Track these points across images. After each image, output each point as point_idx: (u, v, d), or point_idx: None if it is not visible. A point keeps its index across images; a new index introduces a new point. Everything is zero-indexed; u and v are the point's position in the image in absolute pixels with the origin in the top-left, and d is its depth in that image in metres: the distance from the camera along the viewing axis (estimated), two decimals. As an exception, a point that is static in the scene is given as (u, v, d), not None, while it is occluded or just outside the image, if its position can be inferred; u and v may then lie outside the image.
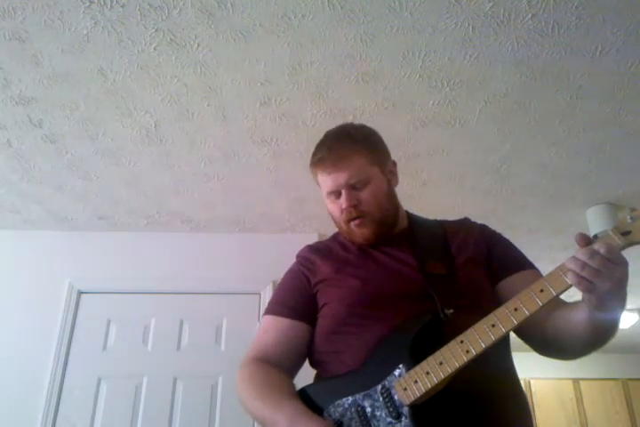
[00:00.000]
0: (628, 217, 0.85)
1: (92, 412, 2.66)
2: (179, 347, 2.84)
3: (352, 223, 1.14)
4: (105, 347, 2.82)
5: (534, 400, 5.06)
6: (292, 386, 1.06)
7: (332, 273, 1.15)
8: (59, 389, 2.68)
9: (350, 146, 1.16)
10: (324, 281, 1.15)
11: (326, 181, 1.15)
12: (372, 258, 1.16)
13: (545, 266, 0.94)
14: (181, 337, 2.86)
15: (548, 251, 3.14)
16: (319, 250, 1.25)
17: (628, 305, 4.70)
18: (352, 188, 1.13)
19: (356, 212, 1.13)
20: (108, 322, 2.87)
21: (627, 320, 4.65)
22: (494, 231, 1.22)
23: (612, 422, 5.13)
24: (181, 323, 2.89)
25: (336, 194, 1.14)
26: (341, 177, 1.13)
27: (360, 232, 1.14)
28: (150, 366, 2.78)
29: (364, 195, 1.14)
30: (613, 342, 0.96)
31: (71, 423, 2.62)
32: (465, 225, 1.23)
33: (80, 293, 2.93)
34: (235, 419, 2.66)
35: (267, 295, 2.91)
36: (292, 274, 1.23)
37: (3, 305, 2.87)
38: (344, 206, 1.13)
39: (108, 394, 2.70)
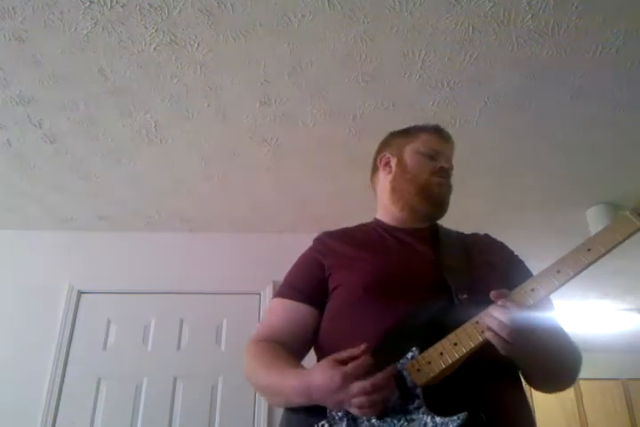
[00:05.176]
0: None
1: (92, 412, 2.66)
2: (179, 347, 2.84)
3: (439, 179, 1.21)
4: (105, 347, 2.82)
5: (534, 400, 5.06)
6: (298, 361, 1.08)
7: (348, 256, 1.17)
8: (59, 389, 2.68)
9: (453, 143, 1.32)
10: (340, 264, 1.16)
11: (435, 143, 1.26)
12: (392, 246, 1.18)
13: (545, 266, 0.94)
14: (181, 337, 2.86)
15: (548, 251, 3.14)
16: (337, 234, 1.26)
17: (629, 305, 4.68)
18: (449, 163, 1.26)
19: (447, 174, 1.24)
20: (108, 322, 2.87)
21: (627, 320, 4.65)
22: (513, 251, 1.24)
23: (612, 422, 5.13)
24: (181, 323, 2.89)
25: (434, 155, 1.24)
26: (449, 149, 1.28)
27: (439, 189, 1.21)
28: (150, 366, 2.78)
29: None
30: (613, 342, 0.97)
31: (71, 423, 2.62)
32: (487, 238, 1.27)
33: (80, 293, 2.93)
34: (235, 419, 2.67)
35: (267, 295, 2.91)
36: (305, 258, 1.24)
37: (3, 305, 2.88)
38: (444, 165, 1.23)
39: (108, 394, 2.70)
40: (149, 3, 1.63)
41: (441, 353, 0.90)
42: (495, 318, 0.86)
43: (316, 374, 0.91)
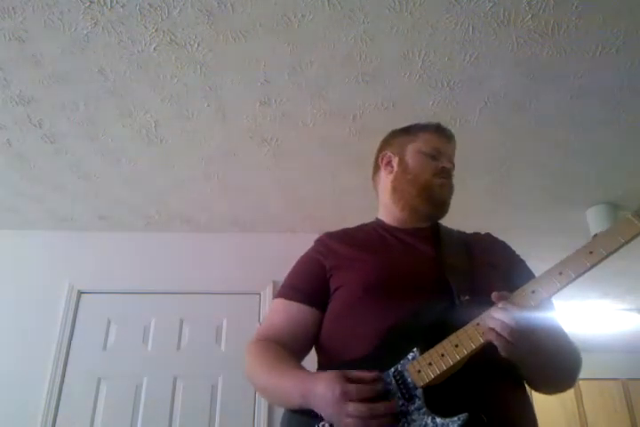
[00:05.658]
0: None
1: (92, 412, 2.66)
2: (179, 347, 2.84)
3: (441, 180, 1.21)
4: (105, 347, 2.82)
5: (535, 400, 5.05)
6: (299, 362, 1.08)
7: (349, 257, 1.17)
8: (59, 389, 2.68)
9: (455, 142, 1.31)
10: (341, 265, 1.16)
11: (437, 142, 1.25)
12: (393, 246, 1.18)
13: (545, 266, 0.94)
14: (181, 337, 2.86)
15: (548, 251, 3.14)
16: (338, 235, 1.26)
17: (629, 305, 4.67)
18: (450, 161, 1.26)
19: (448, 175, 1.23)
20: (108, 322, 2.87)
21: (627, 320, 4.65)
22: (515, 251, 1.24)
23: (612, 422, 5.13)
24: (181, 323, 2.89)
25: (436, 155, 1.24)
26: (451, 148, 1.28)
27: (440, 191, 1.21)
28: (150, 366, 2.78)
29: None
30: (613, 342, 0.97)
31: (71, 423, 2.62)
32: (489, 237, 1.27)
33: (80, 293, 2.93)
34: (235, 419, 2.67)
35: (267, 295, 2.91)
36: (307, 259, 1.24)
37: (3, 305, 2.87)
38: (446, 166, 1.22)
39: (108, 394, 2.70)
40: (149, 3, 1.63)
41: (442, 354, 0.90)
42: (497, 319, 0.86)
43: (319, 382, 0.91)
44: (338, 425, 0.88)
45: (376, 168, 1.35)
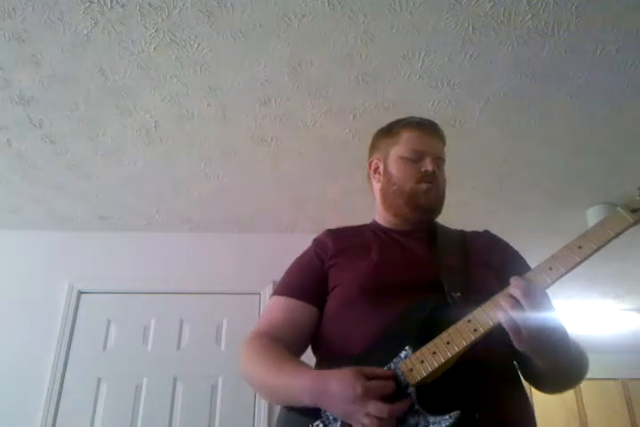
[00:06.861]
0: (637, 195, 0.87)
1: (92, 412, 2.66)
2: (179, 347, 2.84)
3: (425, 185, 1.18)
4: (105, 347, 2.82)
5: (535, 400, 5.06)
6: (301, 360, 1.07)
7: (346, 257, 1.17)
8: (59, 389, 2.68)
9: (441, 132, 1.28)
10: (338, 264, 1.16)
11: (420, 141, 1.22)
12: (389, 246, 1.18)
13: (545, 266, 0.94)
14: (181, 337, 2.86)
15: (548, 251, 3.14)
16: (338, 234, 1.26)
17: (629, 305, 4.64)
18: (437, 160, 1.22)
19: (432, 178, 1.19)
20: (108, 322, 2.87)
21: (627, 320, 4.65)
22: (513, 248, 1.24)
23: (612, 422, 5.12)
24: (181, 323, 2.89)
25: (418, 157, 1.21)
26: (436, 146, 1.24)
27: (426, 196, 1.19)
28: (150, 366, 2.78)
29: (440, 173, 1.23)
30: (613, 342, 0.97)
31: (71, 423, 2.62)
32: (487, 234, 1.27)
33: (80, 293, 2.93)
34: (235, 419, 2.67)
35: (267, 295, 2.91)
36: (305, 256, 1.24)
37: (3, 305, 2.87)
38: (428, 169, 1.18)
39: (108, 394, 2.70)
40: (149, 3, 1.63)
41: (434, 352, 0.90)
42: (518, 286, 0.87)
43: (334, 380, 0.89)
44: (351, 422, 0.86)
45: (368, 173, 1.35)
